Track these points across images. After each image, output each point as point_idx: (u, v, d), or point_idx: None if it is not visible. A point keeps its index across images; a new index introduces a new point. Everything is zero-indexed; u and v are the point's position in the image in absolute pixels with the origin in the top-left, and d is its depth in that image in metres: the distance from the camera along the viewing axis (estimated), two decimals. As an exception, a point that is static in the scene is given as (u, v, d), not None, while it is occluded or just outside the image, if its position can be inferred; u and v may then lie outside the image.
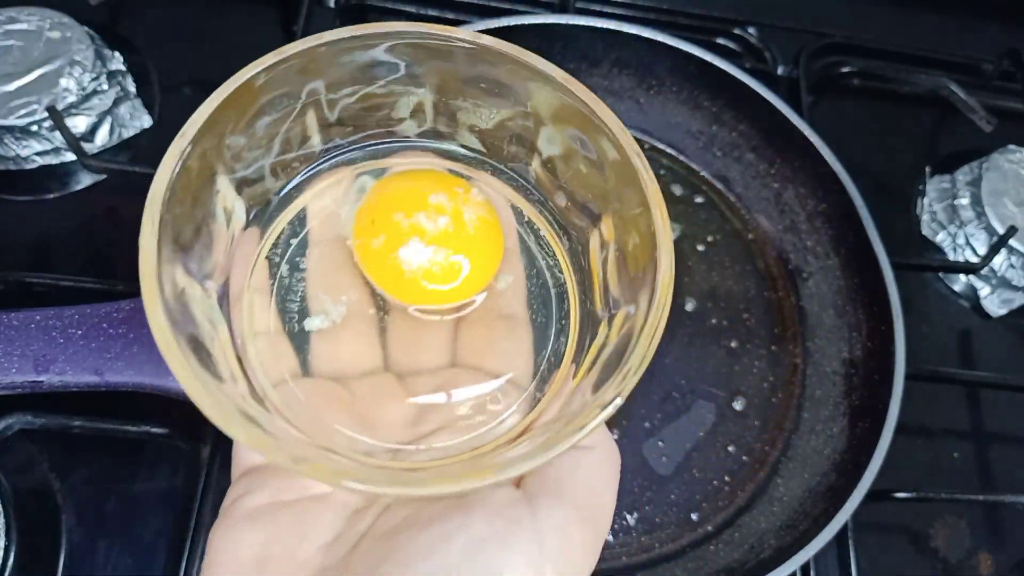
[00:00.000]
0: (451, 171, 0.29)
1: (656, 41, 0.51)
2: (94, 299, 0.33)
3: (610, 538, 0.44)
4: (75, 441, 0.41)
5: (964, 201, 0.56)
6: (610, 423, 0.46)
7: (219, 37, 0.54)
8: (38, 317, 0.32)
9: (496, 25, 0.49)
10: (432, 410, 0.25)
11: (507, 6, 0.56)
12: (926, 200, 0.58)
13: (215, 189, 0.25)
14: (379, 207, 0.27)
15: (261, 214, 0.28)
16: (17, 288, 0.42)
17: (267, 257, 0.28)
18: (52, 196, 0.48)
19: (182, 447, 0.41)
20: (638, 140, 0.54)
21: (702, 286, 0.51)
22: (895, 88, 0.61)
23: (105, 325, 0.31)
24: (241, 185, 0.26)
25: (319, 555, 0.22)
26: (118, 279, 0.42)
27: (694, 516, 0.45)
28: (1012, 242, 0.53)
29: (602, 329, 0.25)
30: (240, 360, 0.25)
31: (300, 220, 0.29)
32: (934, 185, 0.58)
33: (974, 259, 0.55)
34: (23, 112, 0.45)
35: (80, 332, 0.31)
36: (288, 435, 0.23)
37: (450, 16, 0.56)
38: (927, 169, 0.60)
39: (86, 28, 0.48)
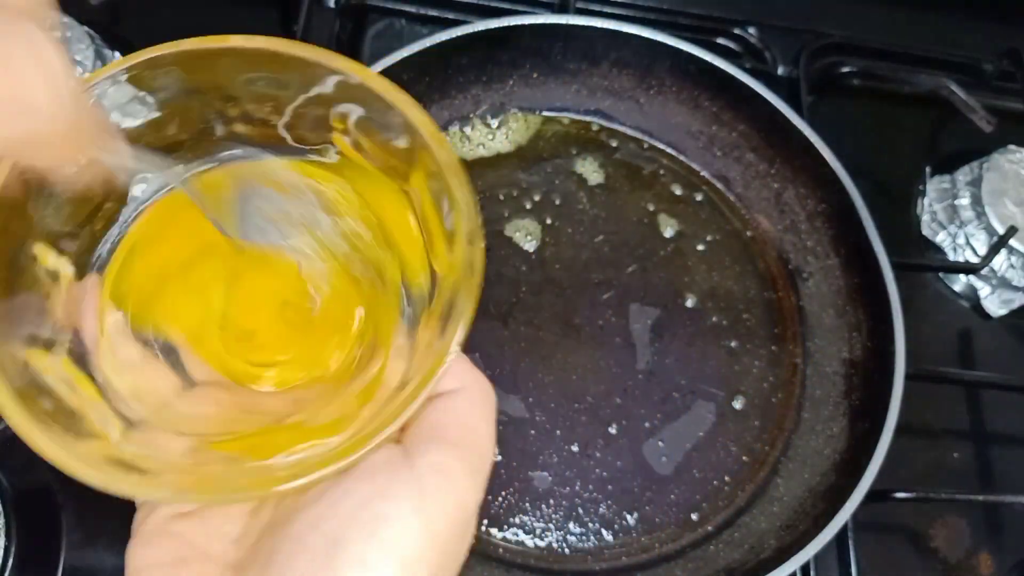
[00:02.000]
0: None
1: (656, 41, 0.51)
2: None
3: (610, 538, 0.44)
4: (75, 441, 0.41)
5: (964, 201, 0.56)
6: (607, 420, 0.46)
7: (219, 37, 0.54)
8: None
9: (496, 25, 0.49)
10: None
11: (507, 6, 0.56)
12: (926, 200, 0.58)
13: (30, 256, 0.25)
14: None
15: (95, 259, 0.27)
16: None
17: (111, 297, 0.27)
18: (52, 196, 0.48)
19: (182, 447, 0.41)
20: (638, 140, 0.55)
21: (702, 286, 0.51)
22: (895, 88, 0.61)
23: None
24: (60, 242, 0.26)
25: (231, 549, 0.24)
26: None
27: (694, 516, 0.45)
28: (1012, 242, 0.53)
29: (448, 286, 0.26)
30: (113, 405, 0.25)
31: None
32: (934, 185, 0.58)
33: (974, 259, 0.55)
34: (23, 112, 0.45)
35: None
36: (166, 465, 0.24)
37: (450, 16, 0.56)
38: (927, 169, 0.60)
39: (86, 28, 0.48)
